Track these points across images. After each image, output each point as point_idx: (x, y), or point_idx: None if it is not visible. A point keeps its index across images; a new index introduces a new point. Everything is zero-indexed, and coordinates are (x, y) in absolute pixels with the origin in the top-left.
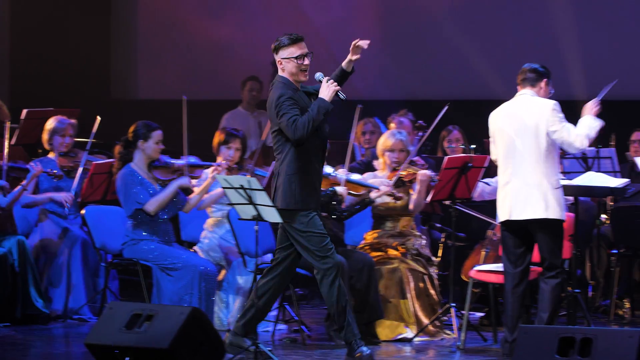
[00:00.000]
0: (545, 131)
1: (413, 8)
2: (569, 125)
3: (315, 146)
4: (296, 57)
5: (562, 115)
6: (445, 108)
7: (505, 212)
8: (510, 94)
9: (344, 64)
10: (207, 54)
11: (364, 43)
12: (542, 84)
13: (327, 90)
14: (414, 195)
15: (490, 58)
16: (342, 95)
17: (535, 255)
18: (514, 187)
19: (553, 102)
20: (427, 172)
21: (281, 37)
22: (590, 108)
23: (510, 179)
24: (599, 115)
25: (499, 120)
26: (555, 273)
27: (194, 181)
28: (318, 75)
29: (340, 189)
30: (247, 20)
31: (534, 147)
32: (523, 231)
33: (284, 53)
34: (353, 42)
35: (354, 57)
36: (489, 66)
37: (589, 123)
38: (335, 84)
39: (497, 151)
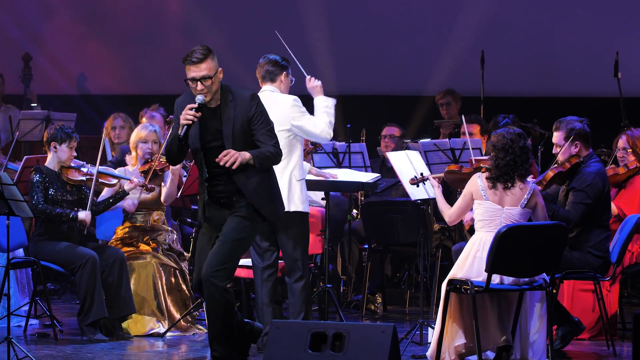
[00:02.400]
0: (287, 127)
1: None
2: (312, 117)
3: None
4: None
5: (303, 108)
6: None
7: None
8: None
9: None
10: None
11: None
12: (282, 76)
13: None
14: (165, 187)
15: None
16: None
17: None
18: None
19: (292, 97)
20: None
21: None
22: (314, 87)
23: None
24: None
25: None
26: (299, 276)
27: None
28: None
29: (82, 215)
30: None
31: None
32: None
33: None
34: None
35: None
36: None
37: (324, 106)
38: None
39: None
